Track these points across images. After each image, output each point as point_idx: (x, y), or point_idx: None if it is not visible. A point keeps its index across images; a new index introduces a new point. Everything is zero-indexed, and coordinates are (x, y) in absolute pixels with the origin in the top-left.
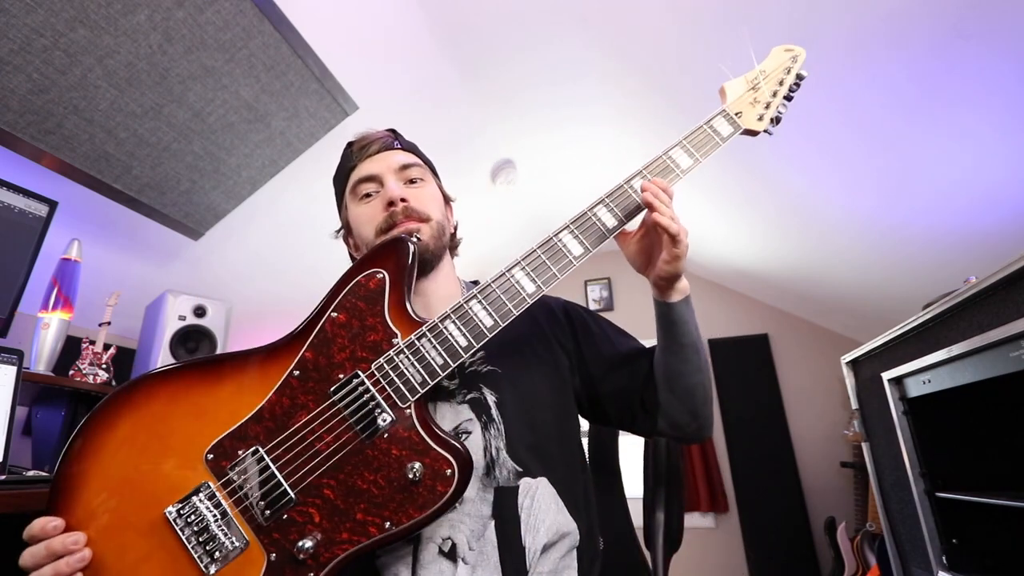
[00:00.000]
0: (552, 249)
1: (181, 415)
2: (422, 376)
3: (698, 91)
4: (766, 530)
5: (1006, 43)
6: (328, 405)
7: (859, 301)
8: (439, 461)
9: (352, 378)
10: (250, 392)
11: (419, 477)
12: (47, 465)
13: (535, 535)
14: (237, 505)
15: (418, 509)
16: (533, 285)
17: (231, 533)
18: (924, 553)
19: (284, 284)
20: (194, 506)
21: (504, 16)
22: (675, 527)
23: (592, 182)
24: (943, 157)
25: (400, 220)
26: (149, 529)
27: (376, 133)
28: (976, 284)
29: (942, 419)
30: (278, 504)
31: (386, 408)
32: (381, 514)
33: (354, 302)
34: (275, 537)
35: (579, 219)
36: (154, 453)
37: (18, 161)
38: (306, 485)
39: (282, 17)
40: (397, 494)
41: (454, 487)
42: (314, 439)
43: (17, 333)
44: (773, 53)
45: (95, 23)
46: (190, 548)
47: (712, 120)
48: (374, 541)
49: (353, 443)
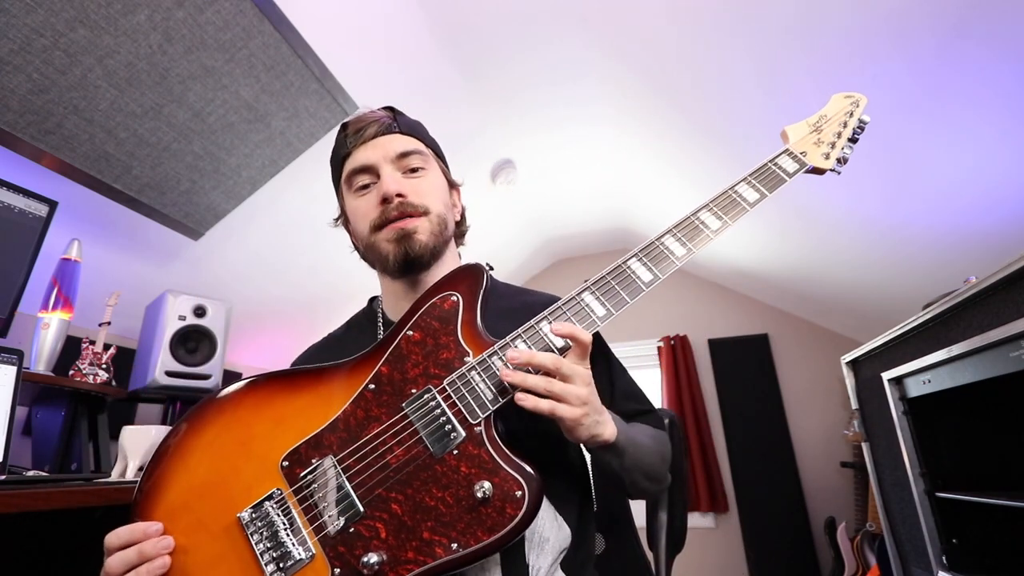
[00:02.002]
0: (621, 275)
1: (262, 422)
2: (492, 394)
3: (698, 91)
4: (766, 530)
5: (1007, 43)
6: (400, 418)
7: (859, 301)
8: (508, 482)
9: (424, 392)
10: (327, 403)
11: (488, 497)
12: (47, 465)
13: (539, 553)
14: (306, 513)
15: (487, 531)
16: (603, 309)
17: (298, 543)
18: (924, 553)
19: (284, 284)
20: (265, 512)
21: (504, 16)
22: (678, 527)
23: (592, 182)
24: (943, 157)
25: (394, 216)
26: (223, 532)
27: (372, 113)
28: (976, 284)
29: (942, 419)
30: (346, 515)
31: (456, 424)
32: (448, 534)
33: (429, 322)
34: (340, 551)
35: (648, 247)
36: (234, 458)
37: (18, 161)
38: (374, 498)
39: (282, 17)
40: (465, 514)
41: (524, 510)
42: (385, 451)
43: (17, 333)
44: (833, 99)
45: (95, 23)
46: (259, 555)
47: (777, 158)
48: (440, 563)
49: (422, 457)
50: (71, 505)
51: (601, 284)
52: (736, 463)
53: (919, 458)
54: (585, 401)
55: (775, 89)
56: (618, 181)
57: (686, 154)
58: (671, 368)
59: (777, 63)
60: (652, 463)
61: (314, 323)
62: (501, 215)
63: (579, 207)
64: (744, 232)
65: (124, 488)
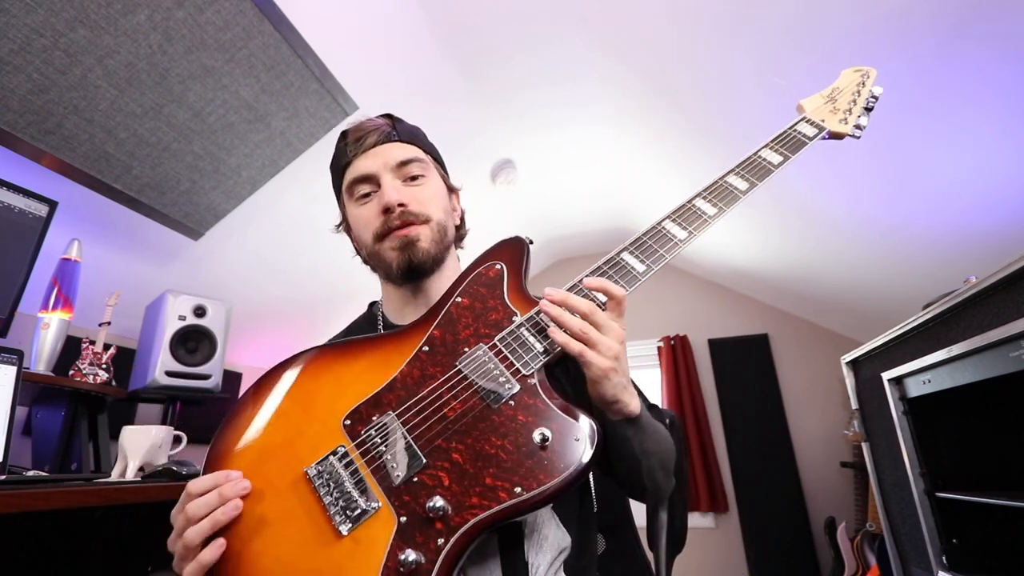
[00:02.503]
0: (658, 235)
1: (323, 386)
2: (543, 347)
3: (698, 91)
4: (766, 530)
5: (1007, 43)
6: (455, 373)
7: (859, 301)
8: (566, 427)
9: (476, 350)
10: (384, 366)
11: (548, 442)
12: (47, 465)
13: (539, 551)
14: (370, 466)
15: (548, 475)
16: (643, 266)
17: (364, 494)
18: (924, 553)
19: (284, 284)
20: (331, 466)
21: (504, 16)
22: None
23: (592, 182)
24: (943, 157)
25: (397, 225)
26: (290, 488)
27: (371, 122)
28: (976, 284)
29: (942, 419)
30: (408, 466)
31: (509, 376)
32: (511, 479)
33: (476, 288)
34: (405, 499)
35: (680, 209)
36: (298, 421)
37: (18, 161)
38: (435, 448)
39: (282, 17)
40: (526, 459)
41: (583, 454)
42: (441, 404)
43: (17, 333)
44: (843, 74)
45: (95, 23)
46: (327, 506)
47: (796, 125)
48: (505, 507)
49: (479, 408)
50: (71, 505)
51: (639, 244)
52: (736, 463)
53: (919, 458)
54: (616, 356)
55: (775, 89)
56: (618, 181)
57: (686, 154)
58: (671, 368)
59: (777, 63)
60: (668, 452)
61: (314, 323)
62: (501, 215)
63: (579, 207)
64: (744, 232)
65: (124, 488)
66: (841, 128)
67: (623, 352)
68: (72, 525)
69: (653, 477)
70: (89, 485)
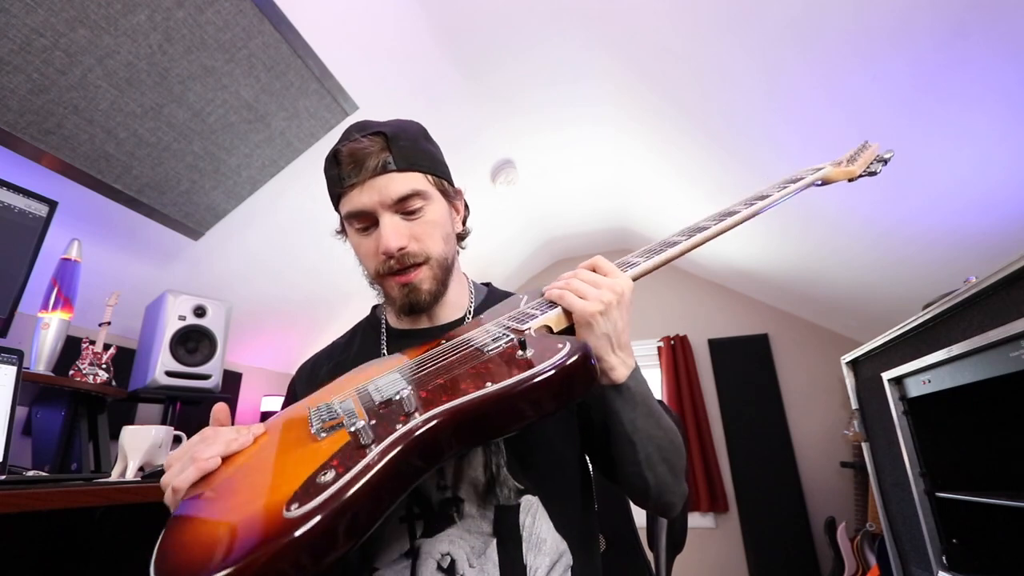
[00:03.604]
0: (663, 243)
1: (355, 376)
2: (542, 310)
3: (698, 90)
4: (766, 530)
5: (1007, 43)
6: (463, 341)
7: (859, 301)
8: (550, 341)
9: (486, 326)
10: (410, 356)
11: (529, 354)
12: (47, 465)
13: (537, 554)
14: (361, 399)
15: (522, 369)
16: (643, 259)
17: (346, 414)
18: (924, 553)
19: (284, 284)
20: (331, 405)
21: (504, 16)
22: (678, 528)
23: (592, 182)
24: (943, 157)
25: (396, 269)
26: (293, 423)
27: (365, 148)
28: (976, 284)
29: (942, 419)
30: (392, 389)
31: (510, 335)
32: (483, 380)
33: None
34: (381, 412)
35: (691, 227)
36: (323, 397)
37: (18, 161)
38: (421, 379)
39: (282, 17)
40: (504, 364)
41: (566, 350)
42: (443, 360)
43: (17, 333)
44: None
45: (95, 23)
46: (311, 423)
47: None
48: (471, 399)
49: (472, 352)
50: (71, 505)
51: (644, 250)
52: (736, 463)
53: (919, 458)
54: (605, 303)
55: (775, 89)
56: (618, 181)
57: (686, 154)
58: (671, 368)
59: (777, 63)
60: (672, 443)
61: (314, 323)
62: (501, 215)
63: (579, 207)
64: (744, 232)
65: (124, 488)
66: (845, 172)
67: (617, 307)
68: (72, 525)
69: (653, 468)
70: (89, 485)
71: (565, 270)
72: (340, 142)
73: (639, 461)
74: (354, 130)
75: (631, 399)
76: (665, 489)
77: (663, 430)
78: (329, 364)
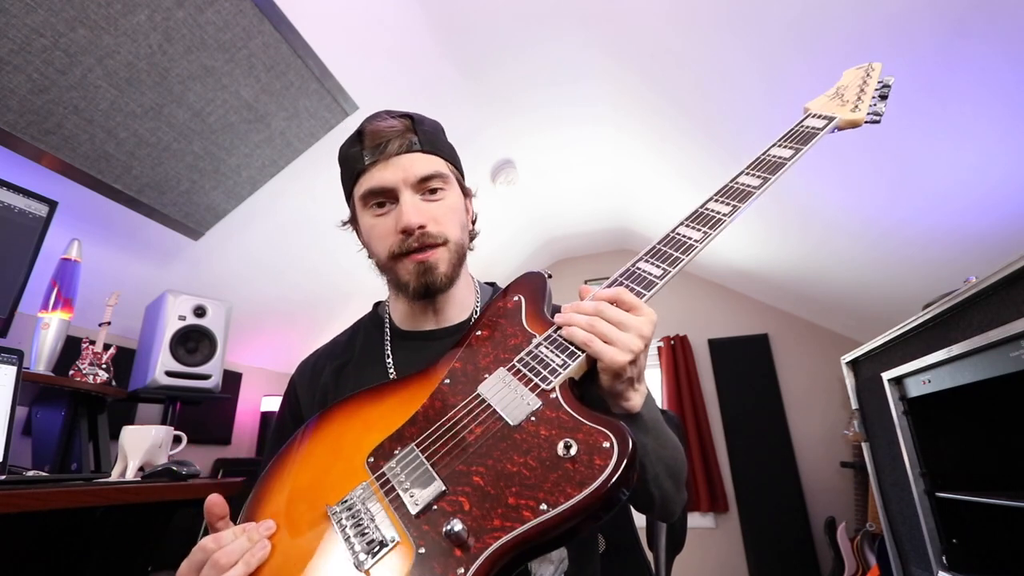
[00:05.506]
0: (672, 241)
1: (352, 428)
2: (563, 359)
3: (698, 91)
4: (766, 530)
5: (1007, 43)
6: (474, 398)
7: (859, 301)
8: (593, 435)
9: (496, 374)
10: (408, 403)
11: (573, 453)
12: (47, 465)
13: (541, 560)
14: (388, 496)
15: (576, 487)
16: (659, 270)
17: (383, 527)
18: (924, 553)
19: (284, 284)
20: (351, 503)
21: (504, 16)
22: (678, 528)
23: (592, 182)
24: (943, 157)
25: (415, 248)
26: (315, 527)
27: (392, 127)
28: (976, 284)
29: (942, 419)
30: (427, 494)
31: (530, 394)
32: (535, 496)
33: (495, 319)
34: (424, 529)
35: (695, 214)
36: (326, 463)
37: (18, 161)
38: (454, 473)
39: (282, 17)
40: (550, 473)
41: (614, 459)
42: (460, 428)
43: (17, 333)
44: (845, 74)
45: (95, 23)
46: (346, 543)
47: (804, 121)
48: (530, 527)
49: (499, 428)
50: (71, 505)
51: (654, 252)
52: (736, 463)
53: (919, 458)
54: (632, 350)
55: (775, 89)
56: (618, 181)
57: (686, 154)
58: (671, 368)
59: (777, 63)
60: (677, 461)
61: (314, 323)
62: (501, 215)
63: (579, 207)
64: (744, 232)
65: (124, 488)
66: (853, 116)
67: (643, 351)
68: (72, 525)
69: (660, 484)
70: (89, 485)
71: (565, 270)
72: (363, 123)
73: (647, 480)
74: (377, 115)
75: (643, 426)
76: (668, 500)
77: (670, 448)
78: (331, 365)
